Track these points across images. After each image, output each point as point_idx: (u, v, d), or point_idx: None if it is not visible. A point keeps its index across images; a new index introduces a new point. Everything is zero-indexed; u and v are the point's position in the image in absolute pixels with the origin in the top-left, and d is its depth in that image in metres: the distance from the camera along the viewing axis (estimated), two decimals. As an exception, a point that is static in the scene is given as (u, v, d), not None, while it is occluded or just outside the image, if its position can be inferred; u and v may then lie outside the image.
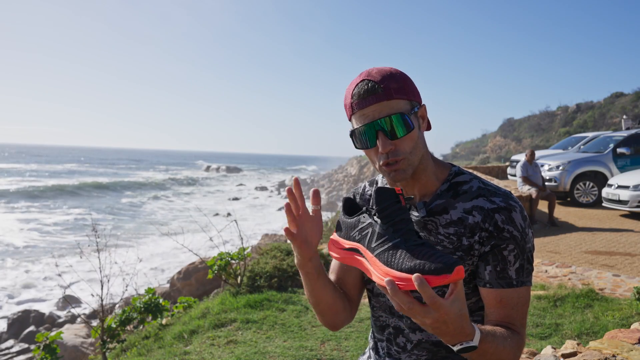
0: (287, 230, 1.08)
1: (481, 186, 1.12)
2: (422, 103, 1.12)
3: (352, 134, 1.10)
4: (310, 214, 1.13)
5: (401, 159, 1.06)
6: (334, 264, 1.32)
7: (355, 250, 1.00)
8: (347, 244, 1.02)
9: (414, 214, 1.15)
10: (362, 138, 1.07)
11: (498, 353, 0.97)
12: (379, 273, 0.89)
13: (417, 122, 1.09)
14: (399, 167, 1.07)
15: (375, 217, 0.96)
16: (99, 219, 21.87)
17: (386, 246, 0.91)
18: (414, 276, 0.81)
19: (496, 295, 1.06)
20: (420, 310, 0.84)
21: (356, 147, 1.12)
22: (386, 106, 1.04)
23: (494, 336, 0.97)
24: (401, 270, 0.85)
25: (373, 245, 0.94)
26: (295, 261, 1.15)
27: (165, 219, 24.22)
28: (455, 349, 0.90)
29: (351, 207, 1.09)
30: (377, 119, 1.04)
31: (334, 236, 1.09)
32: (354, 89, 1.07)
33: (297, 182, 1.10)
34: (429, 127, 1.15)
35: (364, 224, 0.98)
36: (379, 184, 1.29)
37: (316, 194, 1.11)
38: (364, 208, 1.02)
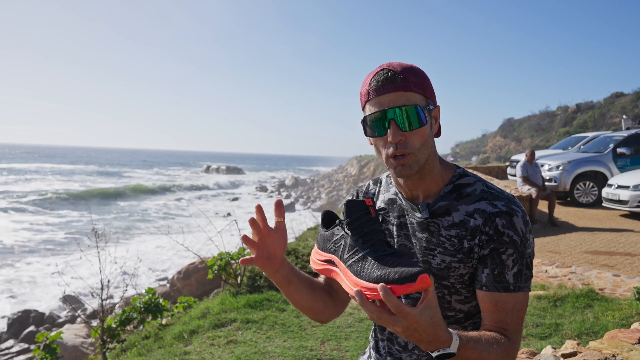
0: (245, 238, 1.10)
1: (485, 189, 1.11)
2: (437, 105, 1.12)
3: (364, 120, 1.10)
4: (273, 226, 1.14)
5: (409, 152, 1.05)
6: None
7: (331, 262, 1.02)
8: (324, 256, 1.04)
9: (417, 215, 1.15)
10: (374, 125, 1.07)
11: (483, 359, 0.97)
12: (350, 283, 0.92)
13: (430, 121, 1.09)
14: (405, 161, 1.06)
15: (345, 229, 0.98)
16: (101, 220, 21.88)
17: (356, 257, 0.93)
18: (378, 286, 0.83)
19: (491, 298, 1.06)
20: (389, 319, 0.85)
21: (366, 135, 1.11)
22: (402, 97, 1.04)
23: (477, 342, 0.97)
24: (369, 280, 0.87)
25: (345, 256, 0.96)
26: (264, 273, 1.17)
27: (166, 220, 24.22)
28: (433, 355, 0.91)
29: (329, 220, 1.10)
30: (392, 107, 1.04)
31: (315, 248, 1.11)
32: (372, 77, 1.07)
33: (259, 209, 1.12)
34: (438, 133, 1.15)
35: (338, 236, 1.00)
36: (383, 183, 1.28)
37: (279, 205, 1.12)
38: (337, 221, 1.03)
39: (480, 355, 0.96)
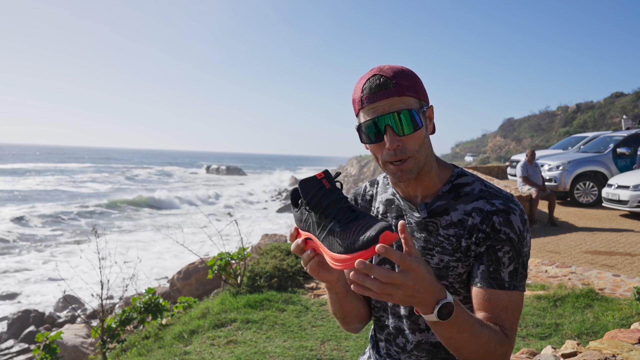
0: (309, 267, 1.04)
1: (483, 188, 1.11)
2: (430, 104, 1.12)
3: (359, 128, 1.09)
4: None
5: (408, 157, 1.05)
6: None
7: (311, 239, 1.03)
8: (304, 234, 1.04)
9: (415, 215, 1.15)
10: (369, 132, 1.06)
11: (476, 333, 0.95)
12: (328, 258, 0.93)
13: (425, 122, 1.08)
14: (405, 167, 1.06)
15: (307, 209, 0.98)
16: (103, 219, 21.88)
17: (325, 232, 0.94)
18: (377, 247, 0.82)
19: (485, 294, 1.05)
20: (399, 276, 0.84)
21: (362, 142, 1.11)
22: (397, 102, 1.03)
23: (468, 313, 0.95)
24: (340, 253, 0.89)
25: (317, 233, 0.97)
26: (324, 284, 1.14)
27: (165, 219, 24.23)
28: (435, 312, 0.89)
29: (297, 198, 1.09)
30: (387, 114, 1.03)
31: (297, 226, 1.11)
32: (365, 83, 1.06)
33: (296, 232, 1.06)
34: (433, 131, 1.14)
35: (305, 215, 1.01)
36: (380, 184, 1.28)
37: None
38: (299, 201, 1.03)
39: (474, 328, 0.95)
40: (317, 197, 0.95)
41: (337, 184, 0.99)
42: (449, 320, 0.90)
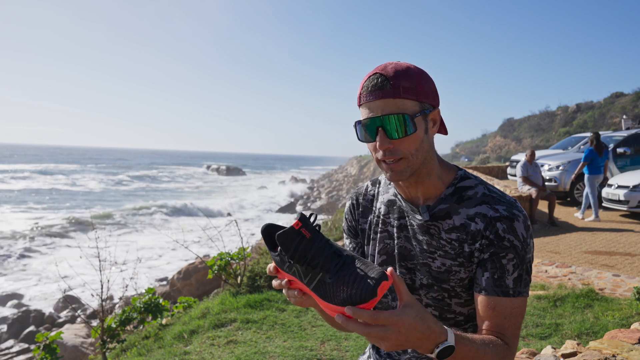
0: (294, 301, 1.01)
1: (486, 193, 1.10)
2: (437, 107, 1.09)
3: (356, 124, 1.09)
4: None
5: (399, 159, 1.04)
6: None
7: (294, 281, 0.98)
8: (287, 276, 0.99)
9: (417, 218, 1.14)
10: (363, 131, 1.06)
11: (479, 358, 0.95)
12: (326, 308, 0.90)
13: (425, 125, 1.06)
14: (396, 167, 1.05)
15: (290, 262, 0.94)
16: (105, 218, 21.87)
17: (314, 282, 0.91)
18: (346, 309, 0.82)
19: (490, 302, 1.04)
20: (378, 331, 0.83)
21: (357, 139, 1.11)
22: (391, 104, 1.01)
23: (471, 341, 0.94)
24: (336, 304, 0.86)
25: (305, 281, 0.93)
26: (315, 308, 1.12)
27: (165, 220, 24.23)
28: (435, 354, 0.88)
29: (272, 238, 1.04)
30: (379, 116, 1.02)
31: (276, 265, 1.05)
32: (365, 81, 1.05)
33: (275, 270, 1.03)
34: (445, 132, 1.14)
35: (288, 264, 0.96)
36: (382, 184, 1.28)
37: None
38: (278, 249, 0.97)
39: (477, 354, 0.94)
40: (300, 249, 0.91)
41: (316, 227, 0.94)
42: (452, 357, 0.90)
